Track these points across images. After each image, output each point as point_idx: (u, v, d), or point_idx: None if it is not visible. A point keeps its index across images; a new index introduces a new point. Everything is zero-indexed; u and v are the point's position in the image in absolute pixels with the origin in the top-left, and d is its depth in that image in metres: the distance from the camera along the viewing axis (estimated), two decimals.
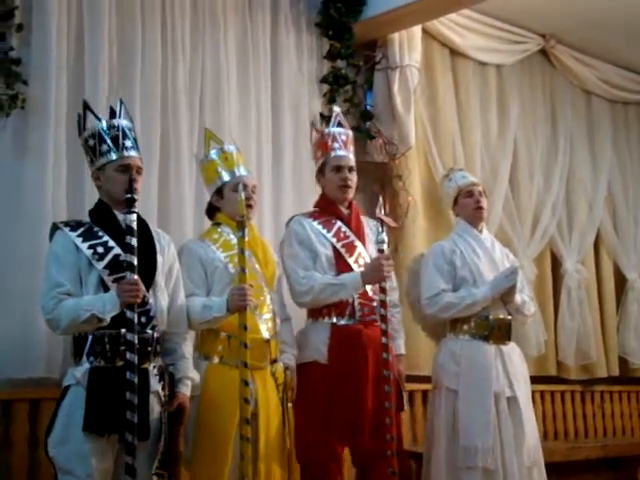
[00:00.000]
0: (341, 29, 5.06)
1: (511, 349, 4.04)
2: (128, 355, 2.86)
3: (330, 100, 5.01)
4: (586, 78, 6.52)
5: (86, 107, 3.17)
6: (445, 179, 4.39)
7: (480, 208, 4.16)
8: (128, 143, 3.11)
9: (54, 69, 3.80)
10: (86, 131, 3.15)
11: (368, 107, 5.23)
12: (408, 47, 5.31)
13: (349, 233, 3.74)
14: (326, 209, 3.82)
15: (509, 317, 4.06)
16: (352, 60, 5.14)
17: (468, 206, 4.18)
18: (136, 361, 2.86)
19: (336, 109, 3.99)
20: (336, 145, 3.80)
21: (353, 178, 3.80)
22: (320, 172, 3.85)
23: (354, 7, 5.06)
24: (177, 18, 4.35)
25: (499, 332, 3.99)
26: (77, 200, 3.82)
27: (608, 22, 5.82)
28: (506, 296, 3.98)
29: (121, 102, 3.20)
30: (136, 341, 2.87)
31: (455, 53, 5.79)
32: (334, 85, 5.04)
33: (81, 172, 3.86)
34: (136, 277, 2.90)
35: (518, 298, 4.03)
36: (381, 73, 5.28)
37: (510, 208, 5.91)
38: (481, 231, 4.21)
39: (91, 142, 3.12)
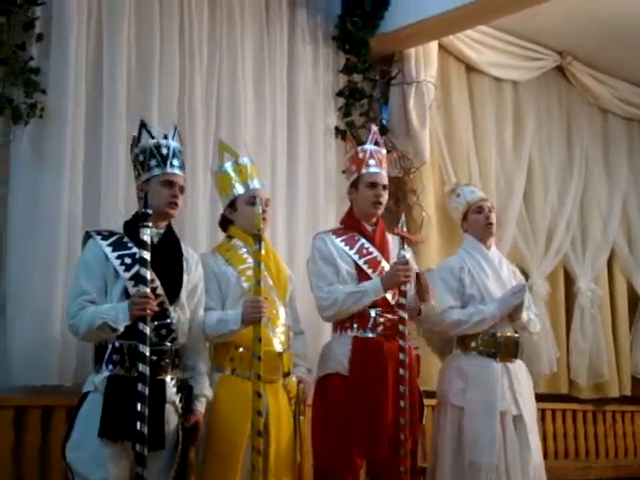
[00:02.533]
0: (358, 43, 5.08)
1: (518, 367, 4.04)
2: (140, 367, 2.91)
3: (345, 114, 5.02)
4: (602, 96, 6.51)
5: (142, 126, 3.29)
6: (452, 194, 4.39)
7: (490, 224, 4.17)
8: (175, 162, 3.26)
9: (72, 79, 3.82)
10: (138, 147, 3.28)
11: (384, 121, 5.24)
12: (424, 62, 5.33)
13: (372, 249, 3.76)
14: (350, 226, 3.85)
15: (516, 334, 4.06)
16: (368, 74, 5.15)
17: (478, 222, 4.18)
18: (148, 373, 2.90)
19: (374, 127, 4.06)
20: (372, 162, 3.84)
21: (385, 196, 3.84)
22: (353, 186, 3.88)
23: (371, 21, 5.08)
24: (195, 29, 4.37)
25: (506, 349, 3.99)
26: (92, 209, 3.85)
27: (625, 40, 5.83)
28: (513, 313, 3.98)
29: (175, 128, 3.36)
30: (148, 353, 2.92)
31: (471, 69, 5.80)
32: (350, 99, 5.05)
33: (97, 182, 3.90)
34: (147, 290, 2.95)
35: (524, 315, 4.03)
36: (397, 88, 5.29)
37: (524, 225, 5.90)
38: (489, 248, 4.21)
39: (141, 157, 3.25)
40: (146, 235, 2.97)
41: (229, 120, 4.46)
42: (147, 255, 2.95)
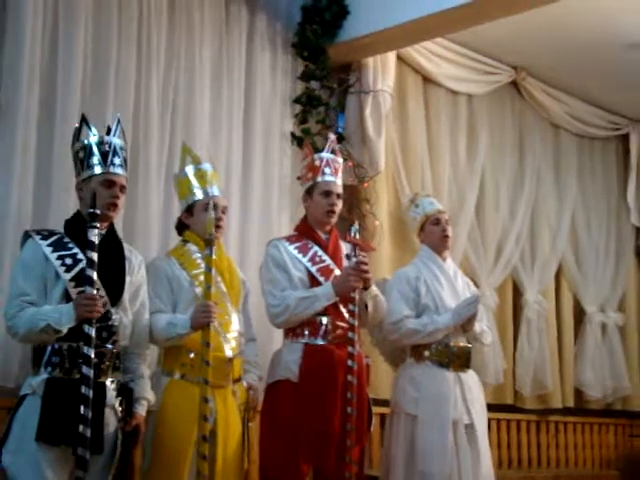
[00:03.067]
0: (316, 51, 5.09)
1: (470, 377, 4.09)
2: (84, 369, 2.86)
3: (302, 121, 5.03)
4: (555, 112, 6.62)
5: (83, 120, 3.21)
6: (411, 204, 4.42)
7: (447, 237, 4.21)
8: (117, 161, 3.16)
9: (26, 76, 3.76)
10: (78, 143, 3.19)
11: (340, 130, 5.25)
12: (382, 72, 5.36)
13: (325, 257, 3.76)
14: (304, 233, 3.85)
15: (469, 345, 4.11)
16: (326, 82, 5.17)
17: (435, 234, 4.22)
18: (92, 375, 2.86)
19: (331, 136, 4.05)
20: (327, 170, 3.84)
21: (339, 205, 3.85)
22: (308, 193, 3.88)
23: (330, 30, 5.10)
24: (153, 32, 4.34)
25: (459, 360, 4.04)
26: (43, 209, 3.79)
27: (579, 58, 5.95)
28: (466, 324, 4.02)
29: (118, 121, 3.25)
30: (93, 355, 2.88)
31: (428, 80, 5.85)
32: (307, 106, 5.06)
33: (48, 181, 3.84)
34: (94, 292, 2.91)
35: (477, 327, 4.08)
36: (354, 96, 5.31)
37: (475, 237, 5.97)
38: (445, 259, 4.26)
39: (81, 154, 3.17)
40: (94, 236, 2.92)
41: (185, 123, 4.43)
42: (95, 256, 2.91)
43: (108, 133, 3.20)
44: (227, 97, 4.68)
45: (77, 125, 3.23)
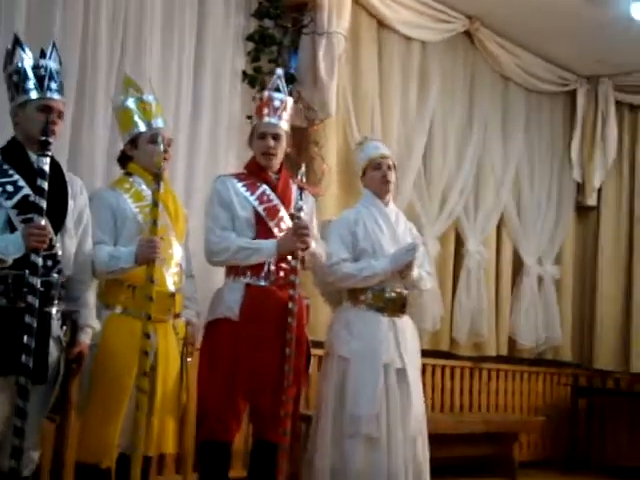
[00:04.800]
0: None
1: (404, 322, 4.13)
2: (29, 298, 2.82)
3: (254, 59, 4.97)
4: (506, 64, 6.65)
5: (16, 42, 3.09)
6: (358, 147, 4.40)
7: (387, 182, 4.19)
8: (53, 85, 3.06)
9: None
10: (12, 66, 3.07)
11: (292, 70, 5.20)
12: (337, 14, 5.28)
13: (273, 197, 3.73)
14: (254, 172, 3.80)
15: (405, 291, 4.14)
16: (280, 21, 5.10)
17: (374, 179, 4.20)
18: (37, 305, 2.83)
19: (278, 71, 3.91)
20: (265, 111, 3.76)
21: (278, 146, 3.76)
22: (250, 137, 3.83)
23: None
24: None
25: (394, 305, 4.07)
26: None
27: (534, 11, 5.96)
28: (404, 270, 4.04)
29: (54, 45, 3.14)
30: (39, 285, 2.84)
31: (382, 25, 5.81)
32: (260, 44, 4.99)
33: None
34: (44, 222, 2.85)
35: (415, 273, 4.10)
36: (308, 37, 5.24)
37: (421, 185, 6.02)
38: (387, 204, 4.25)
39: (15, 78, 3.05)
40: (45, 165, 2.84)
41: (134, 55, 4.35)
42: (45, 185, 2.84)
43: (43, 56, 3.08)
44: (178, 31, 4.60)
45: (9, 47, 3.10)
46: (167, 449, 3.44)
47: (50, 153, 2.89)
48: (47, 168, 2.86)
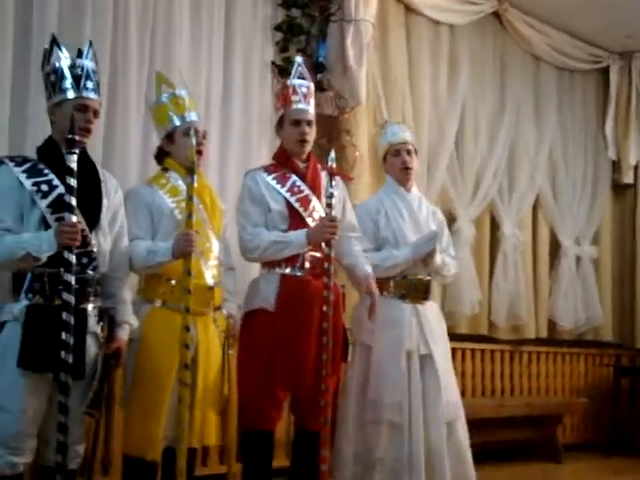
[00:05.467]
0: None
1: (428, 308, 4.10)
2: (65, 295, 2.85)
3: (283, 49, 4.97)
4: (536, 43, 6.58)
5: (54, 41, 3.13)
6: (379, 132, 4.36)
7: (407, 169, 4.14)
8: (89, 85, 3.10)
9: None
10: (49, 65, 3.11)
11: (321, 59, 5.19)
12: (364, 1, 5.26)
13: (304, 187, 3.73)
14: (282, 163, 3.80)
15: (428, 277, 4.10)
16: (307, 10, 5.10)
17: (394, 165, 4.16)
18: (73, 301, 2.85)
19: (298, 59, 3.91)
20: (296, 98, 3.74)
21: (311, 132, 3.76)
22: (279, 124, 3.82)
23: None
24: None
25: (416, 292, 4.05)
26: (19, 135, 3.74)
27: None
28: (426, 258, 4.01)
29: (90, 44, 3.19)
30: (73, 282, 2.86)
31: (410, 10, 5.78)
32: (288, 34, 4.99)
33: (24, 108, 3.77)
34: (75, 219, 2.88)
35: (438, 260, 4.07)
36: (336, 25, 5.23)
37: (454, 168, 5.99)
38: (409, 190, 4.20)
39: (52, 77, 3.09)
40: (73, 162, 2.86)
41: (164, 50, 4.36)
42: (74, 182, 2.86)
43: (79, 56, 3.12)
44: (207, 24, 4.60)
45: (47, 47, 3.14)
46: (210, 441, 3.47)
47: (77, 151, 2.90)
48: (74, 166, 2.87)
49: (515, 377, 6.49)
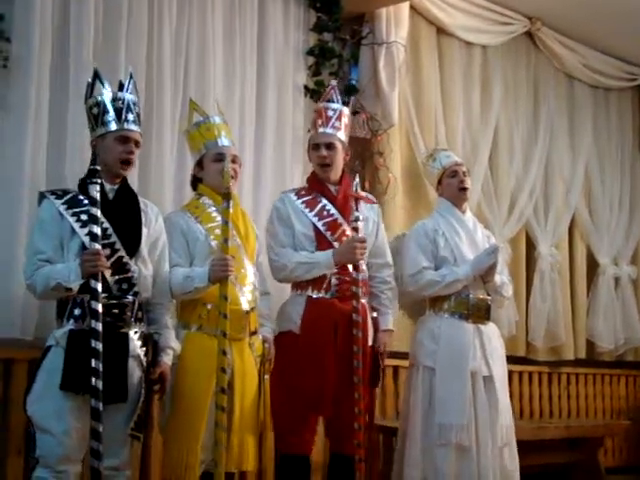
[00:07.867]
0: (329, 1, 5.01)
1: (490, 329, 4.08)
2: (93, 323, 2.93)
3: (315, 73, 4.99)
4: (570, 62, 6.55)
5: (96, 76, 3.23)
6: (429, 159, 4.38)
7: (464, 189, 4.17)
8: (130, 117, 3.21)
9: (37, 27, 3.72)
10: (92, 98, 3.22)
11: (353, 82, 5.21)
12: (395, 23, 5.29)
13: (333, 211, 3.75)
14: (314, 186, 3.83)
15: (488, 297, 4.09)
16: (339, 33, 5.11)
17: (452, 186, 4.18)
18: (100, 328, 2.91)
19: (332, 82, 3.97)
20: (319, 122, 3.81)
21: (333, 155, 3.76)
22: (308, 149, 3.89)
23: None
24: None
25: (478, 312, 4.03)
26: (58, 161, 3.79)
27: (594, 7, 5.85)
28: (486, 275, 4.00)
29: (131, 76, 3.29)
30: (100, 309, 2.94)
31: (441, 32, 5.78)
32: (320, 58, 5.01)
33: (63, 134, 3.82)
34: (98, 247, 2.96)
35: (497, 279, 4.06)
36: (367, 48, 5.26)
37: (488, 189, 5.95)
38: (464, 212, 4.22)
39: (95, 110, 3.21)
40: (95, 191, 2.97)
41: (198, 77, 4.40)
42: (97, 212, 2.96)
43: (121, 89, 3.24)
44: (240, 49, 4.64)
45: (90, 81, 3.24)
46: (248, 466, 3.47)
47: (98, 180, 3.00)
48: (97, 195, 2.97)
49: (554, 399, 6.40)
